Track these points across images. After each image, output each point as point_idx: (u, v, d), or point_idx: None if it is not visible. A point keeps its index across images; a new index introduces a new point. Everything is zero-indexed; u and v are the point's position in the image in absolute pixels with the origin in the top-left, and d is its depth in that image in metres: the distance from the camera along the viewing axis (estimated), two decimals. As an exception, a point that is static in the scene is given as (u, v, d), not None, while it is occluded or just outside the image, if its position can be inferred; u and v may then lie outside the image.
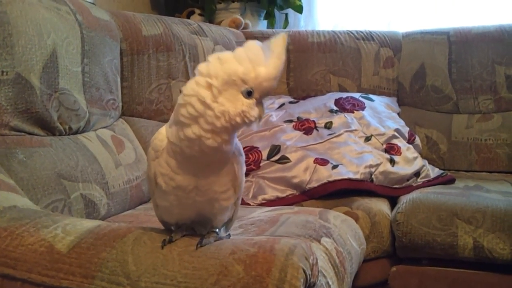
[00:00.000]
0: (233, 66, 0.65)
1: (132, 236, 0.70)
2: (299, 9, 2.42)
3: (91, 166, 1.25)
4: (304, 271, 0.63)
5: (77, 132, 1.31)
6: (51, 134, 1.22)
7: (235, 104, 0.65)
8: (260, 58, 0.65)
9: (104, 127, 1.43)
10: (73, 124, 1.28)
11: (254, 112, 0.66)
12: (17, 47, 1.10)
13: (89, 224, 0.75)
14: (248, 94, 0.66)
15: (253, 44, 0.66)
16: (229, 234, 0.77)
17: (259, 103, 0.67)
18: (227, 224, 0.81)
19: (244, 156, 0.75)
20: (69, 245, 0.69)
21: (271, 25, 2.45)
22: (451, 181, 1.70)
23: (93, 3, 1.69)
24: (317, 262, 0.70)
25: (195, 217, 0.73)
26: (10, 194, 0.86)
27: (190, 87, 0.67)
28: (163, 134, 0.71)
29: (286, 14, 2.48)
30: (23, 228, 0.73)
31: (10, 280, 0.68)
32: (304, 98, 1.96)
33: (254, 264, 0.62)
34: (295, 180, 1.52)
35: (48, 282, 0.65)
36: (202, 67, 0.67)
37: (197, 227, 0.75)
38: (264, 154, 1.61)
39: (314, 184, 1.50)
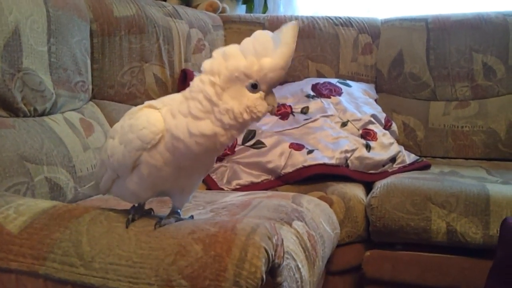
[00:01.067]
0: (236, 62, 0.64)
1: (88, 216, 0.67)
2: (278, -6, 2.38)
3: (57, 149, 1.21)
4: (266, 251, 0.61)
5: (43, 114, 1.26)
6: (14, 116, 1.18)
7: (240, 100, 0.64)
8: (267, 49, 0.64)
9: (73, 110, 1.38)
10: (38, 105, 1.23)
11: (261, 106, 0.65)
12: (-25, 23, 1.05)
13: (44, 204, 0.71)
14: (254, 87, 0.64)
15: (261, 34, 0.65)
16: (192, 216, 0.74)
17: (269, 93, 0.65)
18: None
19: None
20: (21, 225, 0.65)
21: (249, 9, 2.41)
22: (426, 167, 1.69)
23: (62, -18, 1.63)
24: (282, 243, 0.68)
25: (158, 195, 0.71)
26: (-36, 175, 0.81)
27: (196, 83, 0.66)
28: (158, 126, 0.66)
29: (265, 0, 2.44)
30: (-27, 209, 0.69)
31: (-43, 263, 0.64)
32: (281, 84, 1.94)
33: (213, 244, 0.59)
34: (270, 165, 1.50)
35: (-4, 264, 0.62)
36: (206, 64, 0.66)
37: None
38: (239, 139, 1.58)
39: (289, 169, 1.48)
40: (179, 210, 0.72)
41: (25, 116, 1.20)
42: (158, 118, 0.66)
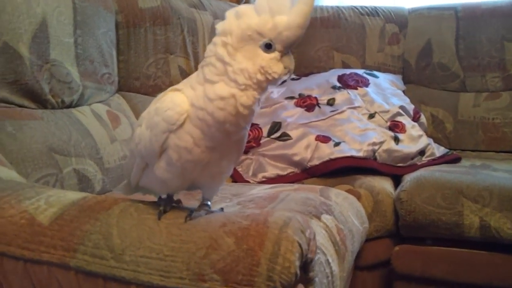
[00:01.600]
0: (248, 20, 0.61)
1: (117, 208, 0.66)
2: (302, -16, 2.34)
3: (84, 141, 1.21)
4: (300, 245, 0.59)
5: (70, 106, 1.27)
6: (42, 107, 1.18)
7: (254, 61, 0.61)
8: (282, 6, 0.60)
9: (99, 102, 1.38)
10: (66, 97, 1.24)
11: (277, 66, 0.61)
12: (3, 15, 1.06)
13: (74, 196, 0.71)
14: (268, 47, 0.61)
15: None
16: (222, 208, 0.73)
17: (286, 55, 0.62)
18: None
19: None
20: (51, 217, 0.65)
21: (273, 0, 2.38)
22: (456, 160, 1.65)
23: (87, -26, 1.63)
24: (314, 237, 0.66)
25: (188, 187, 0.69)
26: (-6, 166, 0.82)
27: (209, 48, 0.65)
28: (182, 106, 0.64)
29: (289, -11, 2.40)
30: (5, 200, 0.69)
31: (-10, 254, 0.64)
32: (306, 75, 1.91)
33: (246, 237, 0.58)
34: (296, 158, 1.48)
35: (27, 256, 0.62)
36: (219, 25, 0.64)
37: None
38: (265, 131, 1.56)
39: (315, 162, 1.46)
40: (208, 202, 0.70)
41: (53, 108, 1.21)
42: (182, 98, 0.65)
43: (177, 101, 0.65)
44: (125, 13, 1.52)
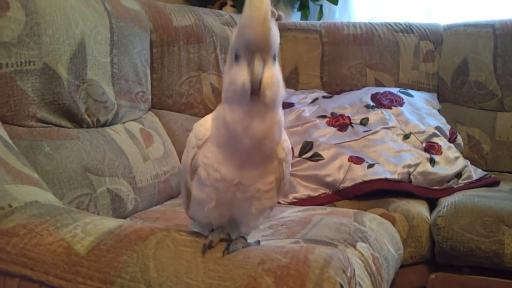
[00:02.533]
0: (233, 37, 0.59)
1: (154, 239, 0.65)
2: (334, 0, 2.33)
3: (118, 160, 1.22)
4: (342, 286, 0.57)
5: (105, 124, 1.28)
6: (78, 126, 1.20)
7: (228, 75, 0.60)
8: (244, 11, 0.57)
9: (133, 120, 1.39)
10: (101, 116, 1.25)
11: (240, 75, 0.57)
12: (44, 37, 1.08)
13: (110, 223, 0.70)
14: (236, 58, 0.58)
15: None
16: (259, 241, 0.71)
17: (251, 61, 0.56)
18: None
19: (291, 156, 0.69)
20: (88, 246, 0.65)
21: (305, 16, 2.37)
22: (495, 183, 1.59)
23: (123, -7, 1.66)
24: (354, 274, 0.64)
25: (229, 219, 0.68)
26: (33, 189, 0.83)
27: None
28: (208, 122, 0.66)
29: (321, 5, 2.39)
30: (43, 226, 0.69)
31: (28, 282, 0.64)
32: (338, 93, 1.88)
33: (285, 277, 0.56)
34: (328, 179, 1.45)
35: (65, 286, 0.61)
36: None
37: (232, 230, 0.69)
38: (296, 151, 1.54)
39: (348, 184, 1.43)
40: (246, 236, 0.69)
41: (88, 126, 1.22)
42: (209, 116, 0.67)
43: (206, 117, 0.67)
44: (160, 32, 1.54)
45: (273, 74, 0.57)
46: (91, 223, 0.70)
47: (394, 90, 1.81)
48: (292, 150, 1.55)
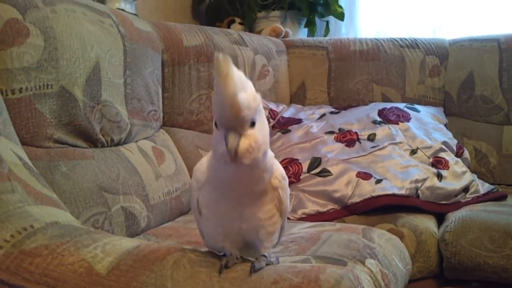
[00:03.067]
0: None
1: (171, 259, 0.68)
2: (340, 17, 2.37)
3: (132, 178, 1.25)
4: (351, 305, 0.60)
5: (118, 143, 1.32)
6: (93, 146, 1.23)
7: (213, 135, 0.65)
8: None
9: (145, 138, 1.43)
10: (115, 136, 1.29)
11: (219, 144, 0.61)
12: (61, 61, 1.12)
13: (128, 244, 0.73)
14: (216, 125, 0.63)
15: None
16: (278, 258, 0.74)
17: (226, 135, 0.60)
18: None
19: (287, 180, 0.72)
20: (108, 266, 0.67)
21: (311, 33, 2.41)
22: (502, 197, 1.61)
23: (135, 14, 1.71)
24: (364, 292, 0.66)
25: (243, 244, 0.71)
26: (53, 209, 0.86)
27: None
28: (204, 166, 0.71)
29: (327, 22, 2.43)
30: (64, 247, 0.72)
31: (51, 300, 0.67)
32: (345, 108, 1.91)
33: (298, 296, 0.59)
34: (337, 195, 1.48)
35: (87, 305, 0.64)
36: None
37: (246, 254, 0.72)
38: (305, 167, 1.57)
39: (356, 199, 1.45)
40: (266, 254, 0.71)
41: (102, 146, 1.26)
42: (204, 159, 0.72)
43: (202, 161, 0.72)
44: (171, 51, 1.58)
45: (249, 142, 0.60)
46: (110, 243, 0.73)
47: (401, 105, 1.84)
48: (301, 166, 1.58)
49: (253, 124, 0.61)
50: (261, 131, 0.63)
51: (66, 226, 0.81)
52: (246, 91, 0.60)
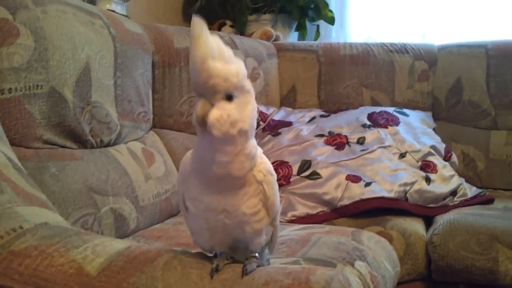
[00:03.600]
0: None
1: (162, 260, 0.68)
2: (331, 21, 2.38)
3: (121, 180, 1.25)
4: (341, 306, 0.60)
5: (108, 145, 1.31)
6: (82, 147, 1.22)
7: None
8: None
9: (135, 140, 1.42)
10: (105, 137, 1.28)
11: (194, 111, 0.62)
12: (52, 61, 1.11)
13: (119, 245, 0.73)
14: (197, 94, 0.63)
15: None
16: (269, 260, 0.74)
17: (197, 101, 0.61)
18: (269, 246, 0.78)
19: (275, 176, 0.72)
20: (99, 267, 0.67)
21: (302, 36, 2.43)
22: (489, 201, 1.63)
23: (126, 16, 1.70)
24: (353, 293, 0.66)
25: (231, 243, 0.71)
26: (42, 210, 0.85)
27: None
28: (189, 157, 0.71)
29: (318, 26, 2.45)
30: (54, 248, 0.72)
31: (40, 302, 0.67)
32: (335, 112, 1.93)
33: (288, 297, 0.59)
34: (326, 197, 1.49)
35: (77, 306, 0.64)
36: None
37: (235, 253, 0.72)
38: (295, 169, 1.58)
39: (346, 202, 1.46)
40: (256, 254, 0.71)
41: (92, 147, 1.25)
42: (189, 152, 0.72)
43: (188, 154, 0.72)
44: (161, 53, 1.58)
45: (220, 114, 0.60)
46: (100, 244, 0.73)
47: (390, 109, 1.85)
48: (291, 168, 1.59)
49: (229, 98, 0.61)
50: (241, 109, 0.62)
51: (56, 227, 0.80)
52: (226, 63, 0.60)
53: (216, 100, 0.61)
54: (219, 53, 0.60)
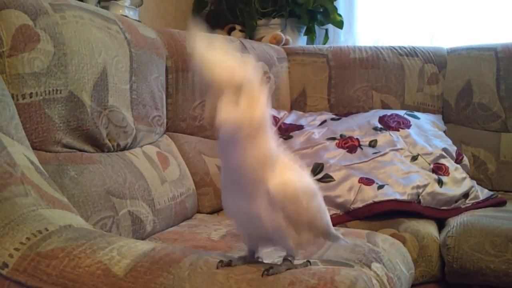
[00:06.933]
0: None
1: (187, 261, 0.69)
2: (339, 25, 2.40)
3: (138, 183, 1.26)
4: (367, 306, 0.61)
5: (124, 148, 1.32)
6: (100, 151, 1.24)
7: None
8: None
9: (150, 144, 1.44)
10: (121, 140, 1.30)
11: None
12: (70, 66, 1.13)
13: (144, 246, 0.74)
14: None
15: None
16: (309, 261, 0.74)
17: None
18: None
19: (299, 199, 0.70)
20: (126, 268, 0.68)
21: (311, 40, 2.44)
22: (501, 203, 1.63)
23: (139, 21, 1.72)
24: (376, 293, 0.67)
25: (264, 240, 0.72)
26: (65, 213, 0.87)
27: None
28: None
29: (326, 30, 2.46)
30: (80, 249, 0.73)
31: (68, 302, 0.68)
32: (346, 115, 1.94)
33: (315, 297, 0.60)
34: (339, 200, 1.49)
35: (105, 306, 0.65)
36: None
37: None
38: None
39: (359, 205, 1.47)
40: (289, 258, 0.71)
41: (109, 151, 1.27)
42: None
43: None
44: (175, 58, 1.59)
45: (228, 114, 0.60)
46: (125, 246, 0.74)
47: (401, 112, 1.86)
48: (303, 171, 1.59)
49: (237, 95, 0.60)
50: (250, 106, 0.61)
51: (80, 229, 0.82)
52: (229, 59, 0.62)
53: (225, 98, 0.60)
54: (221, 51, 0.62)
